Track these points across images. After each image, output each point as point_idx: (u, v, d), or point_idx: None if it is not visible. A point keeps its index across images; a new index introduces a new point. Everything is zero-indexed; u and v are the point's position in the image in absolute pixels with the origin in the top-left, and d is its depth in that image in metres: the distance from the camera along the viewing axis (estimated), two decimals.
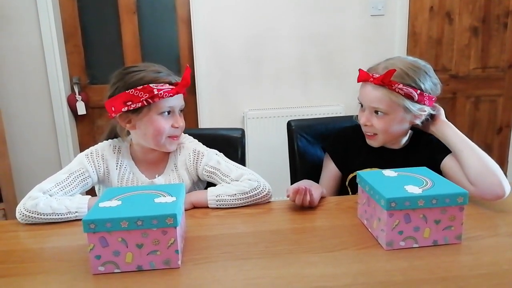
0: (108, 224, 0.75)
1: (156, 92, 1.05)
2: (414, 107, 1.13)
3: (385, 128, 1.17)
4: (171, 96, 1.08)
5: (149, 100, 1.06)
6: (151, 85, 1.06)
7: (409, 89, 1.11)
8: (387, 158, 1.24)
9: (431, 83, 1.15)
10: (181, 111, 1.16)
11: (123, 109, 1.07)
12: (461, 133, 1.15)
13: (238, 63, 2.67)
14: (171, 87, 1.08)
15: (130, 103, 1.06)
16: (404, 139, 1.26)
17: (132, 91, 1.06)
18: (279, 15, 2.62)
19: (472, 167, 1.07)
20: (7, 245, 0.93)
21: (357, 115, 1.27)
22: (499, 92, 2.92)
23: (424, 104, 1.14)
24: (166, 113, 1.11)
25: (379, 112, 1.16)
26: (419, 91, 1.12)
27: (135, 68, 1.10)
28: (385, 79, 1.10)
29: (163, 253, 0.78)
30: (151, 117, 1.10)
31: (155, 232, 0.77)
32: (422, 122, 1.19)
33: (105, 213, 0.77)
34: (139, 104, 1.06)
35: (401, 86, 1.11)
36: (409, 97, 1.12)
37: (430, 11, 2.74)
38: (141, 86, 1.05)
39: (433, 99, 1.16)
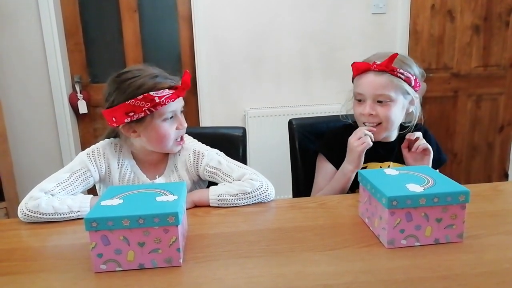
0: (110, 223, 0.75)
1: (157, 100, 1.04)
2: (412, 92, 1.19)
3: (389, 115, 1.19)
4: (172, 101, 1.07)
5: (152, 109, 1.05)
6: (151, 93, 1.03)
7: (408, 73, 1.17)
8: (383, 151, 1.26)
9: (417, 70, 1.22)
10: (181, 111, 1.16)
11: (125, 120, 1.06)
12: None
13: (240, 61, 2.67)
14: (171, 91, 1.07)
15: (132, 113, 1.05)
16: (396, 130, 1.29)
17: (133, 101, 1.03)
18: (281, 14, 2.62)
19: None
20: (9, 243, 0.94)
21: (343, 115, 1.30)
22: (501, 91, 2.91)
23: (417, 89, 1.20)
24: (169, 117, 1.11)
25: (382, 101, 1.18)
26: (414, 76, 1.18)
27: (130, 75, 1.06)
28: (389, 64, 1.15)
29: (164, 251, 0.78)
30: (155, 125, 1.09)
31: (157, 230, 0.77)
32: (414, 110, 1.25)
33: (106, 212, 0.77)
34: (142, 114, 1.05)
35: (401, 71, 1.16)
36: (408, 82, 1.17)
37: (431, 9, 2.74)
38: (141, 96, 1.03)
39: (419, 85, 1.22)
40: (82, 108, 2.67)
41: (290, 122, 1.50)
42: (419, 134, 1.21)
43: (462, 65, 2.84)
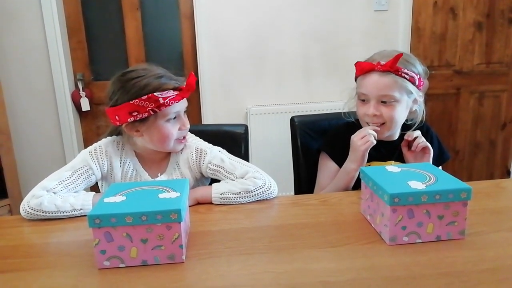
0: (113, 219, 0.75)
1: (162, 101, 1.04)
2: (415, 91, 1.18)
3: (393, 115, 1.19)
4: (176, 102, 1.07)
5: (156, 110, 1.05)
6: (155, 93, 1.03)
7: (412, 73, 1.16)
8: (385, 150, 1.26)
9: (421, 68, 1.21)
10: (184, 112, 1.16)
11: (129, 120, 1.06)
12: None
13: (241, 59, 2.67)
14: (175, 92, 1.07)
15: (136, 113, 1.05)
16: (399, 130, 1.29)
17: (137, 101, 1.03)
18: (282, 11, 2.62)
19: None
20: (13, 240, 0.94)
21: (346, 113, 1.30)
22: (503, 88, 2.90)
23: (420, 88, 1.19)
24: (173, 118, 1.11)
25: (386, 102, 1.18)
26: (418, 75, 1.17)
27: (135, 74, 1.06)
28: (393, 64, 1.13)
29: (167, 248, 0.78)
30: (158, 125, 1.09)
31: (160, 227, 0.77)
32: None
33: (110, 208, 0.77)
34: (146, 114, 1.05)
35: (406, 70, 1.15)
36: (412, 82, 1.16)
37: (434, 6, 2.73)
38: (146, 96, 1.03)
39: (422, 83, 1.21)
40: (85, 105, 2.68)
41: (292, 120, 1.50)
42: (417, 133, 1.21)
43: (465, 62, 2.83)
